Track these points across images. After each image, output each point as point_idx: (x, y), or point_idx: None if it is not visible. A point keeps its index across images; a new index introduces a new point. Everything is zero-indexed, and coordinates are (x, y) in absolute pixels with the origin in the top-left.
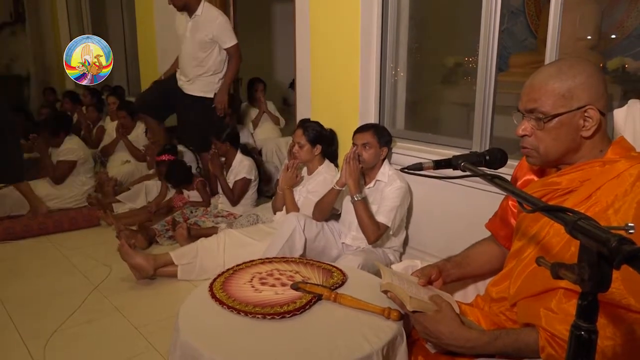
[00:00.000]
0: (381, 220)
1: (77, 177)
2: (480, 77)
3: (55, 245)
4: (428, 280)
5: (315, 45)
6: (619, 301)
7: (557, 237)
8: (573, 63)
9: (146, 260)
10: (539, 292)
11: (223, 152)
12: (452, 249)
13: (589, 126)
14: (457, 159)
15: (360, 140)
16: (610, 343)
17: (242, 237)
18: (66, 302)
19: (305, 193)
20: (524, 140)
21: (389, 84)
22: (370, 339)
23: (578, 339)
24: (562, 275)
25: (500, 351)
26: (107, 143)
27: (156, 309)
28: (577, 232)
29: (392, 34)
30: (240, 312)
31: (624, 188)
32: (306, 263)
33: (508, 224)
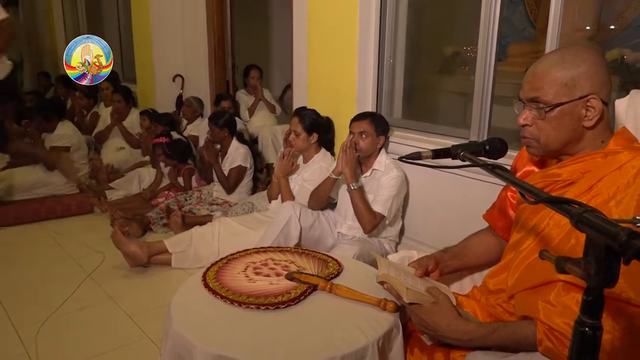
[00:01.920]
0: (377, 209)
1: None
2: (479, 66)
3: (48, 232)
4: (425, 272)
5: (313, 32)
6: (619, 294)
7: (557, 228)
8: (577, 51)
9: (140, 247)
10: (537, 285)
11: (219, 139)
12: (449, 240)
13: (591, 116)
14: (457, 149)
15: (357, 128)
16: (609, 337)
17: (237, 226)
18: (58, 290)
19: (301, 181)
20: (525, 129)
21: (387, 73)
22: (366, 331)
23: (582, 335)
24: (567, 270)
25: (497, 344)
26: (101, 129)
27: (149, 297)
28: (584, 225)
29: (390, 22)
30: (233, 302)
31: (626, 180)
32: (301, 253)
33: (506, 215)
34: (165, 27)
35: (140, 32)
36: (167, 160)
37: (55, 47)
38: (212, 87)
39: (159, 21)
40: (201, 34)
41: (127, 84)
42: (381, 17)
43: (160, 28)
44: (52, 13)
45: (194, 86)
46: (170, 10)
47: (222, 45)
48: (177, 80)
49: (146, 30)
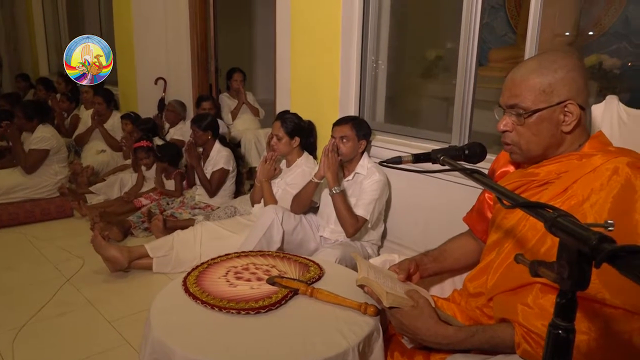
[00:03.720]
0: (360, 213)
1: (49, 166)
2: (460, 71)
3: (27, 236)
4: (407, 275)
5: (296, 36)
6: (594, 295)
7: (533, 230)
8: (554, 58)
9: (120, 252)
10: (516, 287)
11: (202, 141)
12: (431, 243)
13: (569, 121)
14: (437, 153)
15: (339, 133)
16: (585, 337)
17: (219, 230)
18: (37, 295)
19: (283, 185)
20: (505, 135)
21: (370, 77)
22: (347, 335)
23: (556, 338)
24: (541, 274)
25: (476, 347)
26: (81, 132)
27: (130, 302)
28: (557, 229)
29: (373, 26)
30: (214, 307)
31: (600, 182)
32: (283, 257)
33: (485, 217)
34: (147, 29)
35: (122, 34)
36: (159, 163)
37: (36, 50)
38: (195, 90)
39: (141, 23)
40: (184, 37)
41: (109, 86)
42: (364, 21)
43: (143, 30)
44: (32, 15)
45: (177, 89)
46: (152, 13)
47: (205, 48)
48: (160, 83)
49: (128, 33)
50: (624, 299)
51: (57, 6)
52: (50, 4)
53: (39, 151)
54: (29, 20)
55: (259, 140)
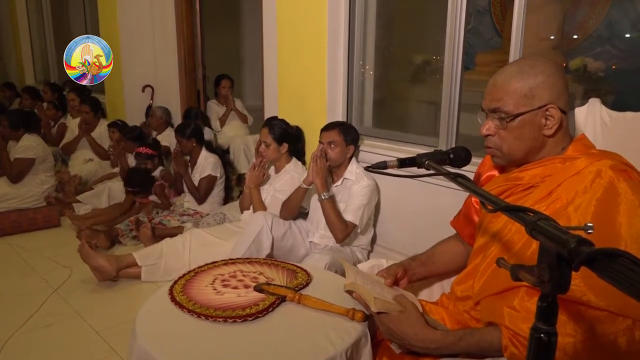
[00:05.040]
0: (349, 218)
1: (36, 175)
2: (446, 75)
3: (13, 247)
4: (394, 280)
5: (282, 42)
6: (579, 298)
7: (518, 234)
8: (534, 62)
9: (108, 261)
10: (502, 290)
11: (188, 150)
12: (420, 247)
13: (551, 125)
14: (422, 158)
15: (326, 138)
16: (571, 340)
17: (209, 237)
18: (24, 306)
19: (272, 192)
20: (488, 139)
21: (357, 82)
22: (334, 341)
23: (538, 341)
24: (521, 277)
25: (464, 351)
26: (69, 140)
27: (118, 312)
28: (537, 232)
29: (359, 31)
30: (200, 315)
31: (584, 185)
32: (270, 264)
33: (471, 221)
34: (134, 37)
35: (108, 42)
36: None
37: (21, 58)
38: (183, 98)
39: (127, 31)
40: (171, 44)
41: (96, 94)
42: (350, 27)
43: (129, 37)
44: (17, 24)
45: (164, 96)
46: (139, 20)
47: (192, 55)
48: (147, 91)
49: (114, 40)
50: (609, 301)
51: (43, 15)
52: (35, 13)
53: (25, 160)
54: (14, 29)
55: (247, 147)
